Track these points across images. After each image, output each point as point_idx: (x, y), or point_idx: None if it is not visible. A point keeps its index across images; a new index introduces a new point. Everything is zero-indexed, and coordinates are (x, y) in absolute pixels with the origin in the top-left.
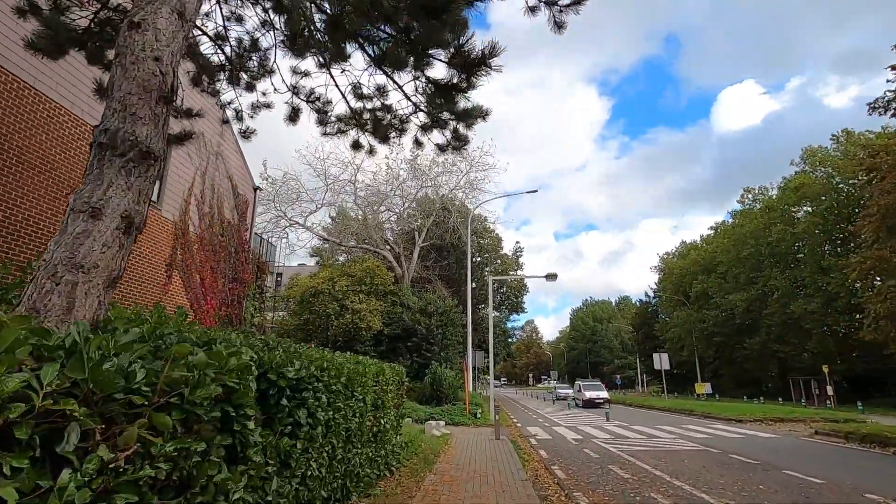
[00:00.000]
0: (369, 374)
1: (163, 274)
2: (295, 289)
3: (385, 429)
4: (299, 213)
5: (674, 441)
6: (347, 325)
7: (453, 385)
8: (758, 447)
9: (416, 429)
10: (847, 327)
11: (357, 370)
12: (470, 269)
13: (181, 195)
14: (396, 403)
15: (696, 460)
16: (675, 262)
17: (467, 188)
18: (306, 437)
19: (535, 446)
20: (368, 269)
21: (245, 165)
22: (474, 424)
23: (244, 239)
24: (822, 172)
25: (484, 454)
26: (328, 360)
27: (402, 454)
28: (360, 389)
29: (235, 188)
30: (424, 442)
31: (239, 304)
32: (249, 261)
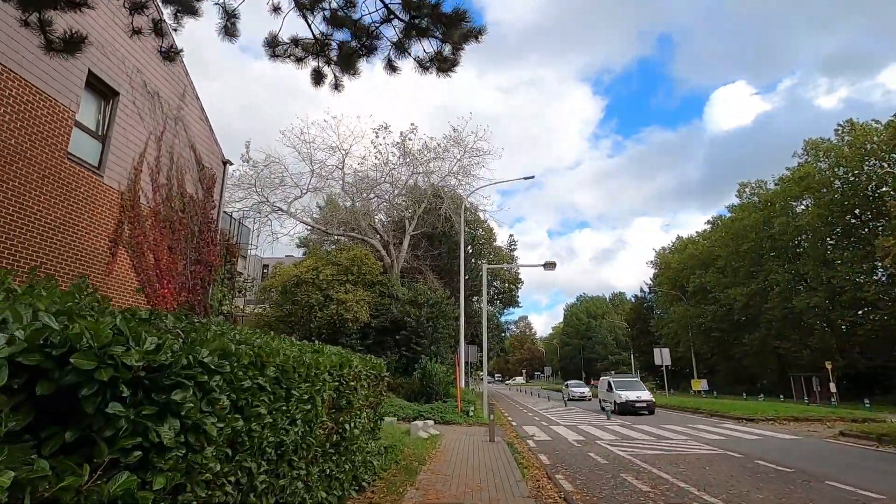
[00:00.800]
0: (324, 367)
1: (105, 250)
2: (276, 278)
3: (352, 435)
4: (282, 198)
5: (686, 443)
6: (332, 317)
7: (444, 381)
8: (782, 451)
9: (400, 430)
10: (850, 322)
11: (301, 360)
12: (463, 259)
13: (130, 161)
14: (373, 402)
15: (720, 467)
16: (671, 257)
17: (461, 174)
18: (179, 467)
19: (534, 449)
20: (355, 257)
21: (212, 136)
22: (466, 423)
23: (210, 217)
24: (825, 164)
25: (477, 460)
26: (243, 343)
27: (379, 463)
28: (306, 387)
29: (200, 160)
30: (409, 446)
31: (203, 289)
32: (217, 242)
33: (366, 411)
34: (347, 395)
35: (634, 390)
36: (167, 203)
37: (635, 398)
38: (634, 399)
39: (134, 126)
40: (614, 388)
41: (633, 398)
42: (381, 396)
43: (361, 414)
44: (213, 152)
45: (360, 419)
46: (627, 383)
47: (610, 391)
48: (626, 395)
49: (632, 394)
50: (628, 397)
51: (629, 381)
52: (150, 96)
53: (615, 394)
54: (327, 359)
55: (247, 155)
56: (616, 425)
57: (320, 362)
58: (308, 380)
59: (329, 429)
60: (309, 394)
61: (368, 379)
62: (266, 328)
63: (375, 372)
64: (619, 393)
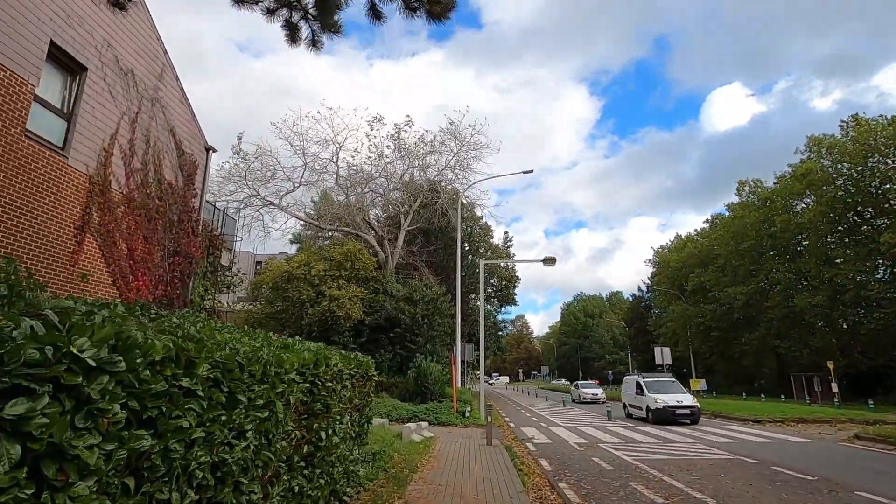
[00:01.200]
0: (290, 365)
1: (70, 238)
2: (267, 274)
3: (331, 444)
4: (274, 192)
5: (693, 447)
6: (324, 314)
7: (440, 380)
8: (798, 456)
9: (391, 433)
10: (852, 322)
11: (254, 356)
12: (459, 255)
13: (99, 142)
14: (359, 405)
15: (736, 475)
16: (670, 256)
17: (458, 168)
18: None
19: (534, 453)
20: (348, 252)
21: (193, 120)
22: (462, 425)
23: (191, 206)
24: (828, 160)
25: (473, 466)
26: (169, 332)
27: (365, 472)
28: (261, 389)
29: (180, 145)
30: (400, 451)
31: (183, 282)
32: (198, 232)
33: (349, 415)
34: (324, 397)
35: (672, 392)
36: (142, 189)
37: (675, 403)
38: (675, 404)
39: (104, 105)
40: (646, 391)
41: (672, 403)
42: (368, 398)
43: (343, 418)
44: (194, 137)
45: (341, 424)
46: (662, 384)
47: (640, 394)
48: (664, 399)
49: (670, 397)
50: (666, 402)
51: (664, 381)
52: (122, 74)
53: (648, 397)
54: (297, 356)
55: (238, 147)
56: (618, 427)
57: (285, 360)
58: (266, 381)
59: (298, 438)
60: (266, 398)
61: (353, 379)
62: (256, 326)
63: (362, 371)
64: (653, 396)
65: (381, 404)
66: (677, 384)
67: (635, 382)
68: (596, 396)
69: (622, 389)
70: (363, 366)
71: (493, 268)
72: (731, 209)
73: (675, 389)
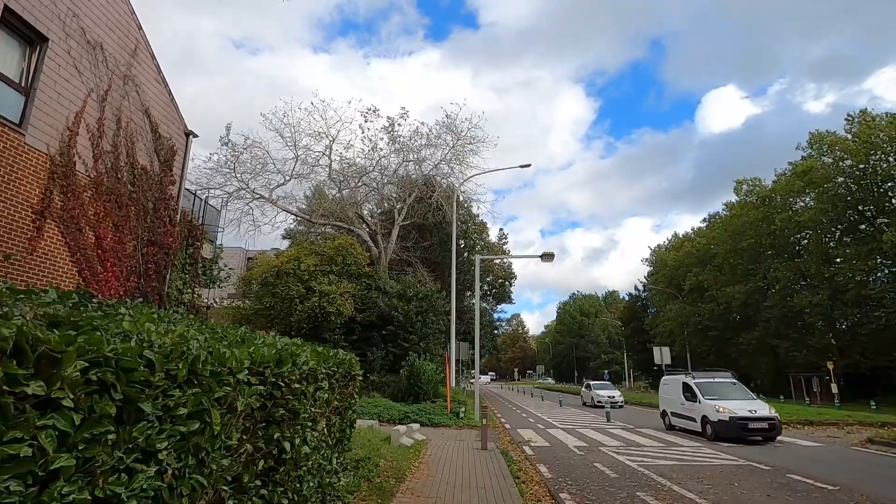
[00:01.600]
0: (238, 364)
1: (28, 223)
2: (256, 269)
3: (299, 456)
4: (264, 184)
5: (700, 451)
6: (313, 310)
7: (433, 380)
8: (812, 461)
9: (379, 436)
10: (853, 322)
11: (176, 351)
12: (455, 251)
13: (63, 120)
14: (340, 408)
15: (750, 483)
16: (667, 255)
17: (454, 162)
18: None
19: (532, 458)
20: (340, 246)
21: (172, 102)
22: (456, 426)
23: (168, 194)
24: (830, 158)
25: (467, 474)
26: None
27: (346, 482)
28: (184, 395)
29: (156, 127)
30: (387, 457)
31: (158, 275)
32: (176, 222)
33: (326, 420)
34: (290, 402)
35: (738, 399)
36: (113, 174)
37: (748, 414)
38: (747, 415)
39: (69, 80)
40: (701, 396)
41: (742, 413)
42: (352, 400)
43: (318, 424)
44: (172, 120)
45: (314, 432)
46: (721, 387)
47: (691, 400)
48: (730, 407)
49: (738, 405)
50: (734, 412)
51: (723, 382)
52: (90, 48)
53: (703, 405)
54: (249, 351)
55: (226, 137)
56: (618, 429)
57: (228, 356)
58: (196, 383)
59: (250, 453)
60: (195, 405)
61: (332, 378)
62: (245, 323)
63: (343, 369)
64: (712, 403)
65: (372, 404)
66: (741, 387)
67: (681, 385)
68: (614, 400)
69: (660, 393)
70: (345, 364)
71: (489, 266)
72: (729, 208)
73: (741, 394)
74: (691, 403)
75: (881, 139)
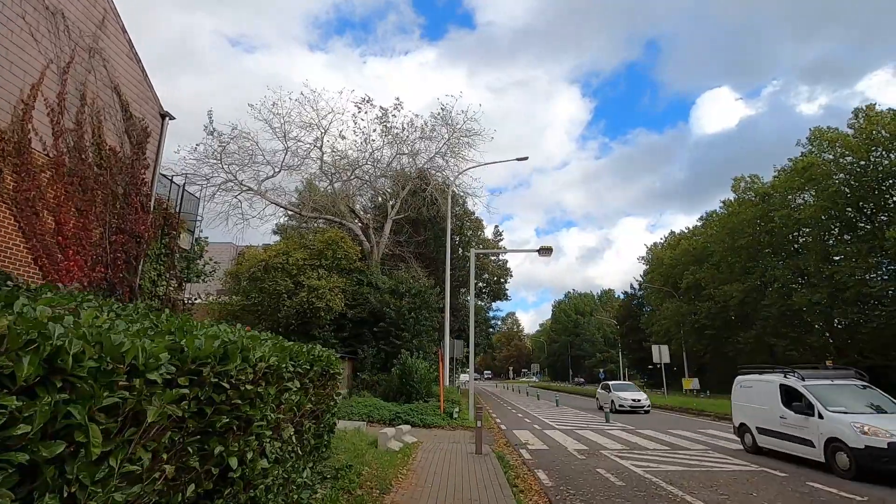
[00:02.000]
0: (145, 360)
1: None
2: (243, 264)
3: (253, 473)
4: (252, 176)
5: (707, 455)
6: (302, 305)
7: (426, 378)
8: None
9: (367, 438)
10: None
11: (20, 339)
12: (449, 246)
13: (16, 92)
14: (315, 411)
15: (769, 493)
16: (663, 253)
17: (449, 155)
18: None
19: (530, 462)
20: (330, 239)
21: (145, 80)
22: (450, 426)
23: (141, 178)
24: (831, 154)
25: (459, 483)
26: None
27: (322, 495)
28: (39, 405)
29: (127, 106)
30: (372, 464)
31: (129, 265)
32: (149, 209)
33: (296, 427)
34: (240, 407)
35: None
36: (76, 154)
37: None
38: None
39: (23, 49)
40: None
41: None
42: (331, 402)
43: (285, 432)
44: (146, 100)
45: (278, 441)
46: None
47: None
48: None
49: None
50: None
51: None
52: (49, 14)
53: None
54: (187, 342)
55: (210, 126)
56: (618, 430)
57: (126, 349)
58: (61, 387)
59: (171, 477)
60: (43, 420)
61: (306, 378)
62: (231, 319)
63: (320, 368)
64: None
65: (362, 404)
66: (878, 393)
67: (779, 389)
68: (639, 404)
69: (734, 399)
70: (322, 361)
71: (485, 263)
72: (726, 206)
73: (884, 404)
74: (802, 417)
75: (883, 135)
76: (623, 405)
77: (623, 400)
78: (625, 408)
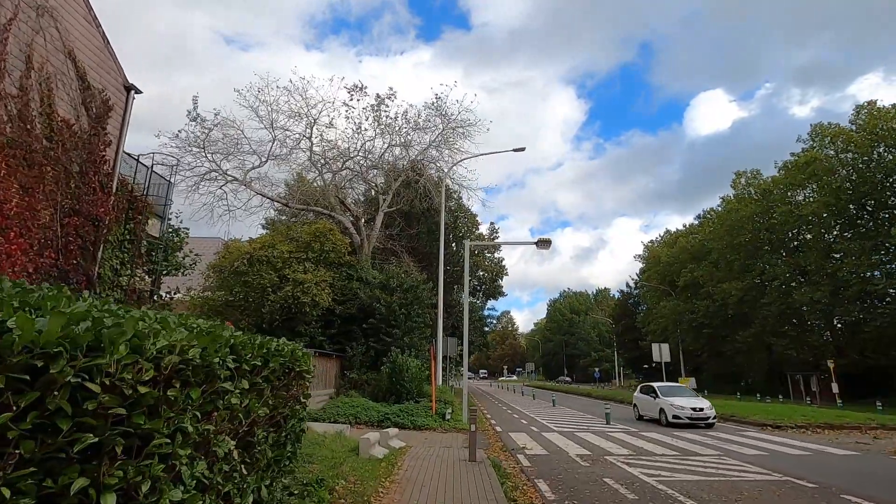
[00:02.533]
0: None
1: None
2: (226, 257)
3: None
4: (237, 166)
5: (721, 461)
6: (286, 300)
7: (417, 377)
8: (859, 475)
9: (349, 444)
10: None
11: None
12: (443, 240)
13: None
14: (276, 417)
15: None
16: (661, 251)
17: (443, 146)
18: None
19: (529, 471)
20: (318, 231)
21: (107, 48)
22: (442, 429)
23: (101, 156)
24: (832, 150)
25: (450, 499)
26: None
27: None
28: None
29: (84, 75)
30: (350, 475)
31: (85, 251)
32: (111, 190)
33: (242, 439)
34: (132, 419)
35: None
36: (20, 123)
37: None
38: None
39: None
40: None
41: None
42: (296, 405)
43: (222, 446)
44: (108, 70)
45: (202, 462)
46: None
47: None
48: None
49: None
50: None
51: None
52: None
53: None
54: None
55: (194, 112)
56: (620, 432)
57: None
58: None
59: None
60: None
61: (258, 377)
62: (214, 315)
63: (280, 364)
64: None
65: (349, 404)
66: None
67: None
68: (701, 414)
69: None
70: (282, 355)
71: (480, 261)
72: (726, 202)
73: None
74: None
75: (886, 131)
76: (679, 416)
77: (679, 409)
78: (681, 419)
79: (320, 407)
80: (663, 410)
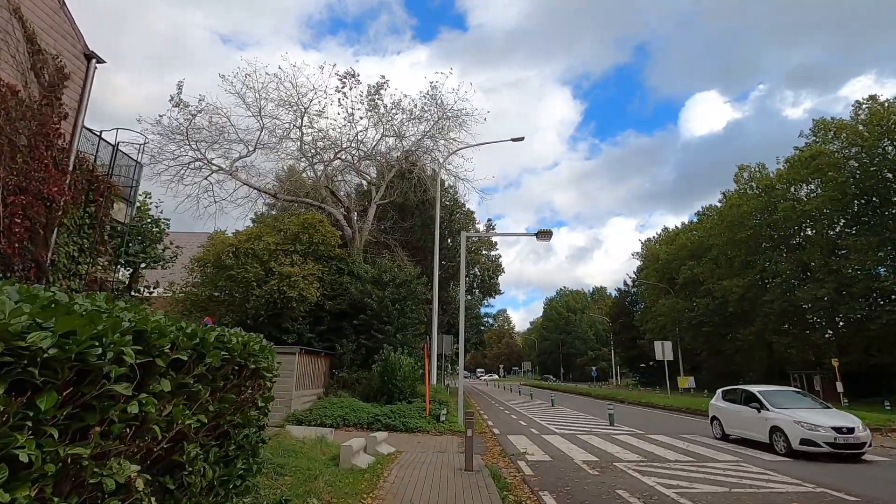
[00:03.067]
0: None
1: None
2: (210, 250)
3: None
4: (222, 154)
5: (742, 468)
6: (272, 294)
7: (410, 376)
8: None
9: (331, 451)
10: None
11: None
12: (438, 233)
13: None
14: (221, 427)
15: None
16: (659, 248)
17: (438, 136)
18: None
19: (531, 480)
20: (306, 222)
21: (63, 10)
22: (436, 431)
23: (54, 129)
24: (836, 145)
25: None
26: None
27: None
28: None
29: (34, 37)
30: (323, 493)
31: (35, 235)
32: (67, 168)
33: (156, 463)
34: None
35: None
36: None
37: None
38: None
39: None
40: None
41: None
42: (252, 411)
43: (118, 474)
44: (64, 35)
45: (72, 499)
46: None
47: None
48: None
49: None
50: None
51: None
52: None
53: None
54: None
55: (177, 97)
56: (625, 434)
57: None
58: None
59: None
60: None
61: (191, 375)
62: (196, 310)
63: (216, 360)
64: None
65: (337, 405)
66: None
67: None
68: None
69: None
70: (228, 348)
71: (476, 258)
72: (727, 198)
73: None
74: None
75: (891, 125)
76: (813, 441)
77: (811, 430)
78: (819, 447)
79: (306, 408)
80: (780, 430)
